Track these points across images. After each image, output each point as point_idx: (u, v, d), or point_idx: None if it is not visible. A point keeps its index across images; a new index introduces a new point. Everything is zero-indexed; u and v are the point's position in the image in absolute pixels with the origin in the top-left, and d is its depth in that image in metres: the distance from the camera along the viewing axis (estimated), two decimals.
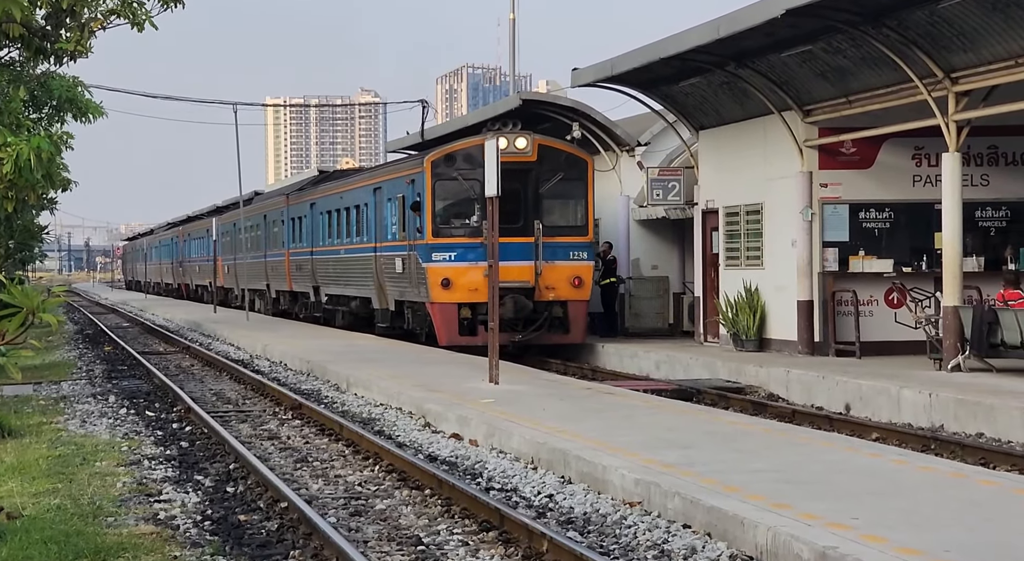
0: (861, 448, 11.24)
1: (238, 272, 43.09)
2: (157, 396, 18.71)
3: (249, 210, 42.20)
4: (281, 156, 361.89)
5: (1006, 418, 13.73)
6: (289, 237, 35.47)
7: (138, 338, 34.31)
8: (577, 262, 22.95)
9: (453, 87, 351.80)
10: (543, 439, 11.54)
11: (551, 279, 22.65)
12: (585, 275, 22.99)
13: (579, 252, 23.02)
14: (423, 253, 22.91)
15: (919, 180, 20.69)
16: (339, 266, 29.69)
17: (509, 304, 22.08)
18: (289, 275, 35.59)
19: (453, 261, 22.38)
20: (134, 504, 10.17)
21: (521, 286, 22.48)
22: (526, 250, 22.61)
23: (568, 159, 23.28)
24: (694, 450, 10.84)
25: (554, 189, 23.11)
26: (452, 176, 22.74)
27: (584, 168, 23.40)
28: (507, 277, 21.68)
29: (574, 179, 23.23)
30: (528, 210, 22.89)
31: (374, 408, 16.18)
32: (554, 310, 22.82)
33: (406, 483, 10.96)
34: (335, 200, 30.29)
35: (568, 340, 23.06)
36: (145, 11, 13.34)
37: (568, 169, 23.16)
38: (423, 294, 23.07)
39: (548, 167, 23.05)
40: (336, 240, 30.02)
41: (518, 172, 22.46)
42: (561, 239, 22.86)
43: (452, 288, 22.31)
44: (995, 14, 15.96)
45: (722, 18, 19.18)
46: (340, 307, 30.41)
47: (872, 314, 20.44)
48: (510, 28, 36.83)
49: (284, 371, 22.22)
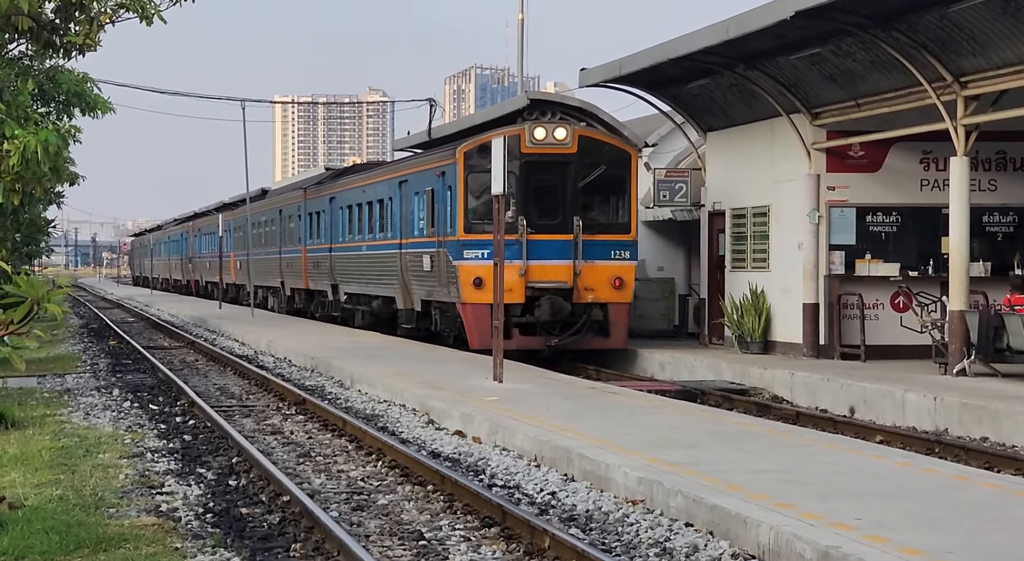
0: (865, 450, 11.22)
1: (251, 268, 41.52)
2: (161, 390, 18.73)
3: (263, 205, 41.21)
4: (289, 154, 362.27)
5: (1011, 423, 13.69)
6: (306, 233, 34.18)
7: (143, 333, 34.34)
8: (619, 262, 21.51)
9: (461, 87, 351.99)
10: (546, 437, 11.53)
11: (591, 280, 21.26)
12: (627, 276, 21.57)
13: (621, 251, 21.58)
14: (454, 250, 21.56)
15: (927, 184, 20.66)
16: (360, 263, 28.46)
17: (545, 306, 20.94)
18: (306, 272, 34.35)
19: (486, 259, 20.43)
20: (136, 496, 10.18)
21: (558, 287, 21.18)
22: (564, 248, 21.25)
23: (611, 151, 21.78)
24: (697, 450, 10.83)
25: (595, 183, 21.64)
26: (486, 168, 20.36)
27: (628, 161, 21.86)
28: (543, 277, 20.99)
29: (617, 173, 21.73)
30: (567, 206, 21.50)
31: (378, 404, 16.18)
32: (593, 313, 21.43)
33: (409, 479, 10.95)
34: (357, 194, 28.99)
35: (608, 345, 21.67)
36: (154, 5, 13.36)
37: (610, 162, 21.67)
38: (453, 294, 21.74)
39: (589, 160, 21.53)
40: (357, 236, 28.78)
41: (556, 165, 21.38)
42: (602, 237, 21.43)
43: (485, 288, 20.56)
44: (1005, 18, 15.93)
45: (731, 19, 19.16)
46: (360, 307, 29.22)
47: (878, 318, 20.41)
48: (519, 28, 36.84)
49: (288, 367, 22.22)
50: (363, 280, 28.31)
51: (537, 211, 21.40)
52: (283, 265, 37.42)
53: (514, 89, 56.59)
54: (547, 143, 21.32)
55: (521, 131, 21.36)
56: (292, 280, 36.56)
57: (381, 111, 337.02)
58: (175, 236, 67.90)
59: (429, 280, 23.03)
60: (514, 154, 20.77)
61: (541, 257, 21.05)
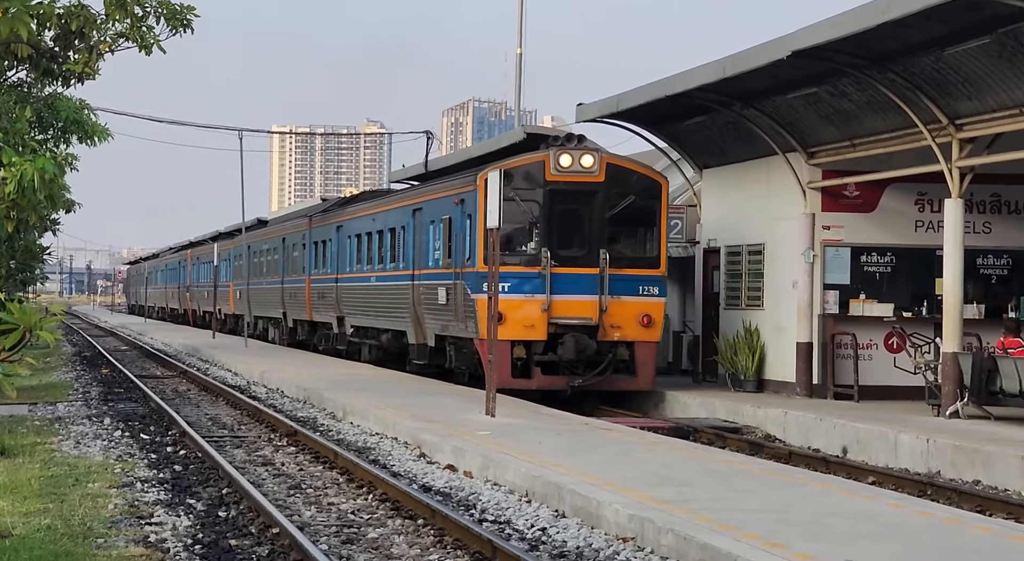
0: (857, 491, 11.19)
1: (251, 298, 40.59)
2: (152, 419, 18.66)
3: (265, 233, 40.11)
4: (286, 184, 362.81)
5: (1004, 466, 13.67)
6: (311, 262, 32.90)
7: (136, 361, 34.25)
8: (647, 298, 20.24)
9: (459, 120, 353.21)
10: (538, 472, 11.49)
11: (617, 317, 20.01)
12: (656, 313, 20.32)
13: (650, 287, 20.34)
14: (472, 283, 20.23)
15: (921, 225, 20.71)
16: (369, 295, 27.10)
17: (570, 343, 19.74)
18: (309, 303, 33.00)
19: (507, 292, 19.45)
20: (125, 526, 10.12)
21: (583, 323, 19.94)
22: (589, 283, 20.03)
23: (639, 180, 20.58)
24: (690, 488, 10.79)
25: (623, 214, 20.42)
26: (508, 197, 19.53)
27: (658, 191, 20.63)
28: (567, 312, 19.88)
29: (646, 203, 20.51)
30: (593, 238, 20.28)
31: (370, 437, 16.13)
32: (619, 351, 20.15)
33: (399, 512, 10.91)
34: (366, 222, 27.68)
35: (635, 386, 20.43)
36: (154, 35, 13.39)
37: (639, 192, 20.46)
38: (471, 329, 20.41)
39: (617, 189, 20.34)
40: (366, 266, 27.55)
41: (582, 194, 20.25)
42: (630, 271, 20.20)
43: (505, 323, 19.29)
44: (1001, 62, 16.03)
45: (728, 58, 19.27)
46: (368, 340, 27.83)
47: (871, 358, 20.40)
48: (516, 63, 37.02)
49: (281, 398, 22.16)
50: (371, 313, 27.11)
51: (561, 243, 20.33)
52: (285, 295, 36.26)
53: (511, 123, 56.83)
54: (573, 171, 20.24)
55: (546, 157, 20.35)
56: (295, 311, 35.43)
57: (378, 143, 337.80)
58: (172, 264, 66.75)
59: (444, 314, 21.86)
60: (538, 182, 20.17)
61: (565, 291, 19.93)
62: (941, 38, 16.17)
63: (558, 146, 20.50)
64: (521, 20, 37.03)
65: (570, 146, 20.53)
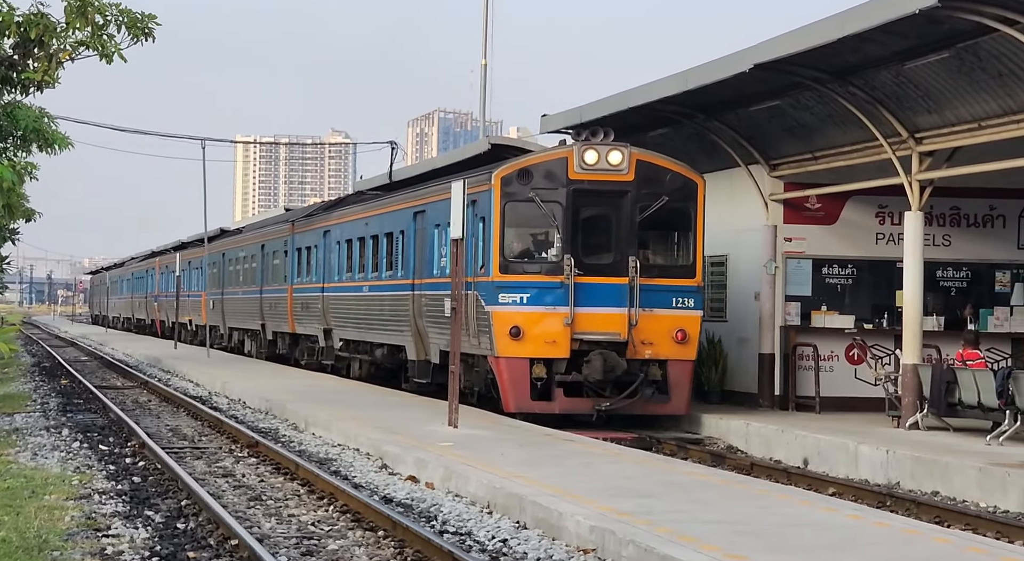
0: (817, 502, 11.24)
1: (226, 309, 38.28)
2: (112, 430, 18.50)
3: (242, 239, 38.04)
4: (249, 193, 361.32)
5: (962, 477, 13.77)
6: (294, 270, 30.64)
7: (96, 372, 33.97)
8: (681, 311, 18.36)
9: (424, 131, 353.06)
10: (500, 484, 11.47)
11: (648, 332, 18.11)
12: (691, 328, 18.39)
13: (684, 298, 18.42)
14: (488, 293, 18.29)
15: (882, 238, 20.87)
16: (361, 306, 24.96)
17: (597, 362, 17.79)
18: (292, 314, 30.70)
19: (526, 304, 17.90)
20: (81, 538, 10.02)
21: (610, 339, 18.02)
22: (617, 294, 18.09)
23: (673, 179, 18.61)
24: (651, 499, 10.81)
25: (655, 217, 18.46)
26: (527, 197, 18.12)
27: (694, 191, 18.69)
28: (592, 327, 17.98)
29: (680, 205, 18.55)
30: (621, 243, 18.33)
31: (332, 448, 16.06)
32: (651, 371, 18.22)
33: (360, 524, 10.86)
34: (358, 227, 25.52)
35: (668, 410, 18.50)
36: (114, 43, 13.33)
37: (673, 192, 18.50)
38: (484, 345, 18.44)
39: (648, 189, 18.40)
40: (358, 275, 25.46)
41: (609, 194, 18.34)
42: (662, 281, 18.31)
43: (523, 339, 17.84)
44: (960, 77, 16.19)
45: (691, 70, 19.35)
46: (359, 355, 25.77)
47: (833, 369, 20.52)
48: (481, 74, 37.07)
49: (242, 409, 22.03)
50: (364, 325, 24.93)
51: (586, 249, 18.38)
52: (264, 306, 33.99)
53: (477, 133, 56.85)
54: (599, 168, 18.27)
55: (568, 154, 18.39)
56: (275, 322, 33.06)
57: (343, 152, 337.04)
58: (139, 273, 64.00)
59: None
60: (559, 181, 18.25)
61: (590, 303, 18.00)
62: (901, 52, 16.32)
63: (582, 140, 18.49)
64: (486, 31, 37.12)
65: (596, 141, 18.48)
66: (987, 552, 8.96)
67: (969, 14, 14.57)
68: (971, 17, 14.62)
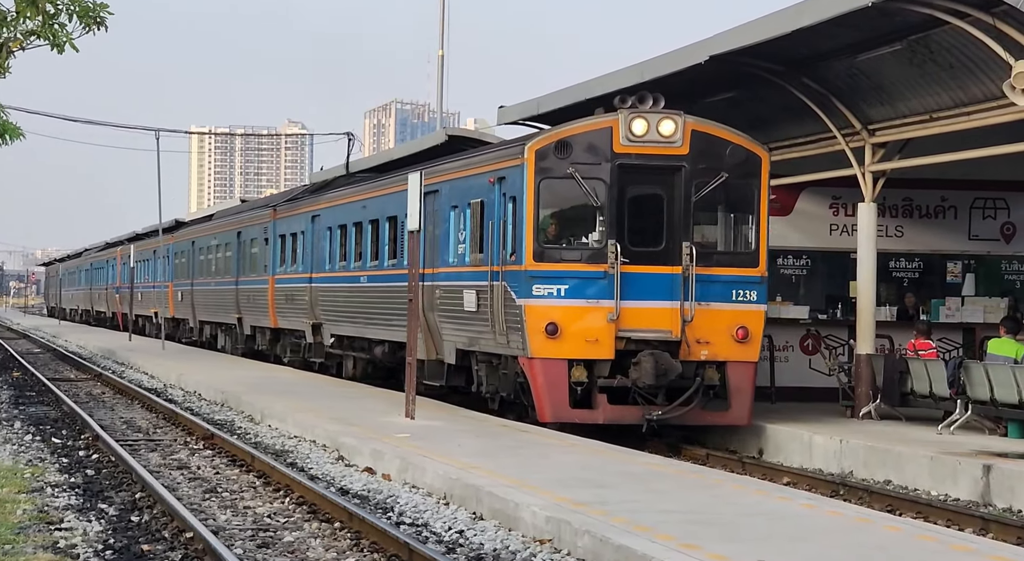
0: (772, 492, 11.33)
1: (196, 301, 36.04)
2: (65, 423, 18.35)
3: (214, 226, 35.95)
4: (205, 185, 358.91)
5: (913, 466, 13.93)
6: (276, 259, 28.29)
7: (49, 364, 33.66)
8: (743, 305, 16.18)
9: (381, 122, 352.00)
10: (456, 475, 11.48)
11: (705, 329, 15.91)
12: (754, 325, 16.19)
13: (746, 290, 16.25)
14: (520, 285, 16.01)
15: (836, 229, 21.03)
16: (358, 298, 22.67)
17: (647, 364, 15.50)
18: (273, 307, 28.25)
19: (563, 297, 15.76)
20: (33, 532, 9.93)
21: (661, 338, 15.82)
22: (669, 285, 15.92)
23: (735, 152, 16.32)
24: (607, 489, 10.85)
25: (712, 197, 16.24)
26: (566, 173, 15.86)
27: (757, 166, 16.44)
28: (640, 324, 15.77)
29: (742, 182, 16.33)
30: (673, 227, 16.09)
31: (288, 440, 16.01)
32: (707, 374, 16.00)
33: (316, 516, 10.84)
34: (354, 210, 23.17)
35: (728, 420, 16.23)
36: (66, 33, 13.19)
37: (734, 167, 16.24)
38: (515, 344, 16.11)
39: (705, 164, 16.12)
40: (354, 263, 23.18)
41: (660, 170, 16.10)
42: (721, 271, 16.14)
43: (562, 337, 15.65)
44: (912, 69, 16.34)
45: (647, 62, 19.38)
46: (354, 353, 23.50)
47: (788, 360, 20.64)
48: (439, 64, 37.00)
49: (198, 401, 21.91)
50: (361, 320, 22.41)
51: (634, 233, 16.10)
52: (241, 298, 31.36)
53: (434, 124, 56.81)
54: (649, 140, 15.96)
55: (613, 123, 16.07)
56: (253, 316, 30.47)
57: (300, 144, 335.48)
58: (99, 263, 61.06)
59: (473, 324, 17.38)
60: (603, 154, 15.98)
61: (638, 296, 15.81)
62: (854, 45, 16.44)
63: (628, 108, 16.17)
64: (443, 22, 37.03)
65: (645, 108, 16.17)
66: (938, 540, 9.08)
67: (920, 6, 14.70)
68: (922, 10, 14.75)
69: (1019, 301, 20.51)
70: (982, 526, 11.45)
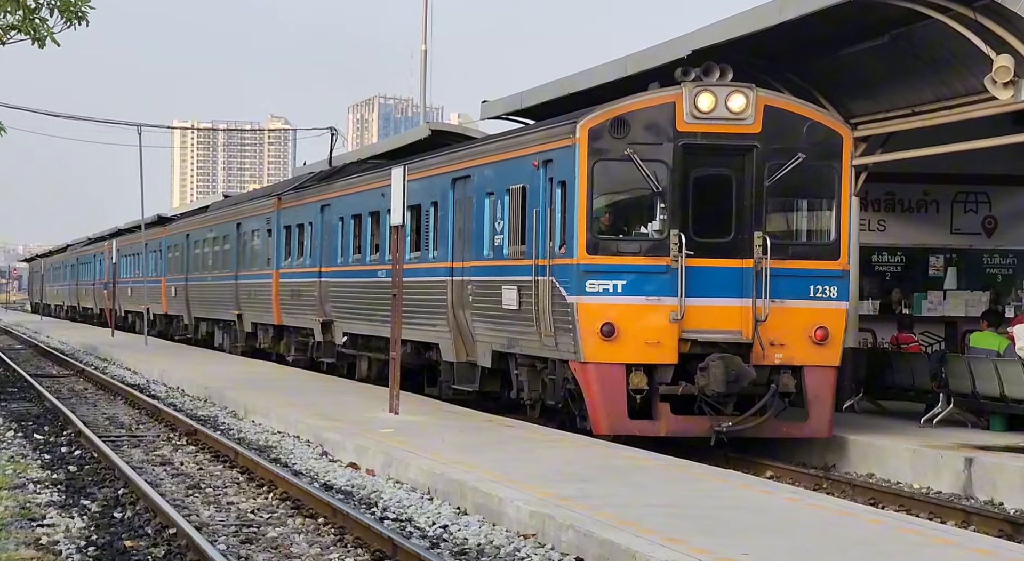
0: (755, 486, 11.36)
1: (191, 297, 34.62)
2: (47, 419, 18.28)
3: (211, 218, 34.24)
4: (188, 180, 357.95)
5: (896, 460, 13.99)
6: (280, 252, 26.62)
7: (31, 360, 33.54)
8: (822, 302, 14.53)
9: (365, 117, 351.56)
10: (440, 470, 11.48)
11: (779, 330, 14.31)
12: (834, 325, 14.53)
13: (825, 286, 14.62)
14: (570, 280, 14.40)
15: None
16: (375, 295, 20.76)
17: (717, 370, 13.86)
18: (277, 303, 26.64)
19: (620, 294, 14.16)
20: (15, 528, 9.90)
21: (730, 339, 14.25)
22: (739, 281, 14.38)
23: (812, 130, 14.66)
24: (591, 484, 10.87)
25: (788, 181, 14.56)
26: (623, 154, 14.24)
27: (838, 147, 14.79)
28: (706, 324, 14.23)
29: (821, 164, 14.67)
30: (744, 215, 14.49)
31: (271, 436, 15.99)
32: (782, 381, 14.36)
33: (300, 511, 10.83)
34: (371, 198, 21.26)
35: (806, 433, 14.56)
36: (47, 27, 13.13)
37: (812, 148, 14.57)
38: (566, 346, 14.49)
39: (780, 144, 14.48)
40: (370, 256, 21.48)
41: (729, 151, 14.51)
42: (797, 264, 14.55)
43: (619, 339, 14.05)
44: (894, 63, 16.39)
45: (630, 56, 19.38)
46: (369, 353, 21.73)
47: None
48: (422, 59, 36.93)
49: (181, 397, 21.86)
50: (378, 318, 20.37)
51: (699, 222, 14.51)
52: (241, 293, 29.64)
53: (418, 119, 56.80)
54: (716, 117, 14.35)
55: (676, 98, 14.45)
56: (255, 313, 28.78)
57: (283, 138, 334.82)
58: (86, 258, 58.87)
59: (513, 323, 15.78)
60: (664, 134, 14.37)
61: (704, 293, 14.26)
62: (837, 39, 16.47)
63: (692, 81, 14.57)
64: (426, 16, 36.97)
65: (711, 81, 14.56)
66: (920, 533, 9.12)
67: (902, 1, 14.74)
68: (904, 4, 14.78)
69: (1000, 295, 20.59)
70: (964, 519, 11.50)
